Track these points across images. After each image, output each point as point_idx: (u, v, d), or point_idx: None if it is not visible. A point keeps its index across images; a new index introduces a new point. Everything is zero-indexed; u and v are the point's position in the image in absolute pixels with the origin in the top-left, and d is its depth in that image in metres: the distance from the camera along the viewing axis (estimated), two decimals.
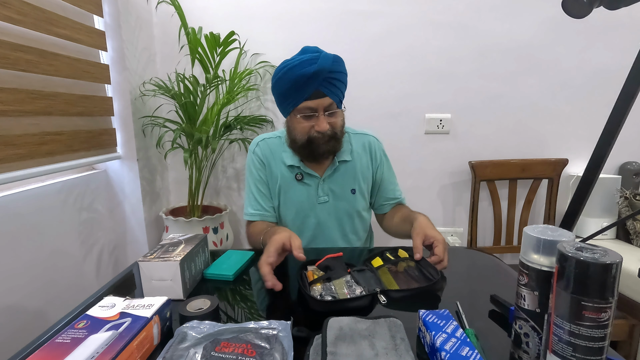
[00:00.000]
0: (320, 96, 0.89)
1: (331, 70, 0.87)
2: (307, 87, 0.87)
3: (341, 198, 1.02)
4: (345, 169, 1.02)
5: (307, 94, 0.88)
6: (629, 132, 1.52)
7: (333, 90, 0.90)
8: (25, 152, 1.02)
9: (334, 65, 0.88)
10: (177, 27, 1.43)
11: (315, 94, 0.88)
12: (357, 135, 1.08)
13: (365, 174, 1.05)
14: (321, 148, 0.93)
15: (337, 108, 0.93)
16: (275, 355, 0.46)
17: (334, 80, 0.89)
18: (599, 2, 0.64)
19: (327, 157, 0.99)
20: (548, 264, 0.43)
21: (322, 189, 1.01)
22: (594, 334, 0.38)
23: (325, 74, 0.86)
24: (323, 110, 0.90)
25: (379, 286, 0.66)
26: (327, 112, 0.91)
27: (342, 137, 0.98)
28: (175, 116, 1.52)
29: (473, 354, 0.44)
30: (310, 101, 0.89)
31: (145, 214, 1.50)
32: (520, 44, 1.57)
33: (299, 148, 0.96)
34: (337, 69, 0.89)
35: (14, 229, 0.98)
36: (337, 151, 0.99)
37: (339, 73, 0.90)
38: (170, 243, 0.75)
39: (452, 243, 1.74)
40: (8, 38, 0.96)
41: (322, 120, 0.90)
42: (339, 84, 0.91)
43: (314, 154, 0.95)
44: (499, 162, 1.61)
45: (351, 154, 1.03)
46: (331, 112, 0.92)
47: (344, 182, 1.02)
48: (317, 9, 1.59)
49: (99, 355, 0.43)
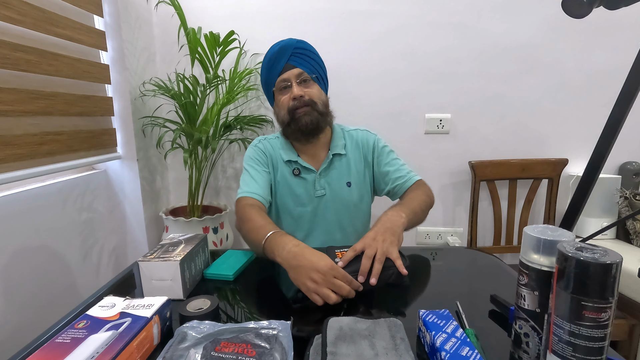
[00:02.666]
0: (289, 68, 0.98)
1: (296, 47, 0.98)
2: (278, 64, 0.98)
3: (337, 191, 1.05)
4: (339, 163, 1.06)
5: (279, 69, 0.99)
6: (629, 132, 1.52)
7: (301, 62, 0.99)
8: (25, 152, 1.02)
9: (298, 43, 0.99)
10: (177, 27, 1.43)
11: (285, 67, 0.98)
12: (350, 132, 1.12)
13: (359, 168, 1.08)
14: (303, 119, 0.97)
15: (309, 77, 1.00)
16: (275, 355, 0.46)
17: (301, 55, 0.99)
18: (599, 2, 0.64)
19: (314, 133, 1.00)
20: (548, 264, 0.43)
21: (318, 183, 1.04)
22: (594, 334, 0.38)
23: (290, 49, 0.98)
24: (295, 78, 0.99)
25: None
26: (299, 81, 0.99)
27: (326, 112, 1.02)
28: (175, 116, 1.52)
29: (473, 354, 0.44)
30: (283, 74, 0.99)
31: (145, 214, 1.50)
32: (520, 44, 1.57)
33: (286, 128, 1.02)
34: (302, 46, 1.00)
35: (14, 229, 0.98)
36: (323, 126, 1.02)
37: (304, 50, 1.00)
38: (170, 243, 0.75)
39: (452, 243, 1.74)
40: (8, 38, 0.96)
41: (295, 87, 0.98)
42: (308, 59, 1.00)
43: (299, 126, 0.98)
44: (499, 162, 1.61)
45: (345, 148, 1.07)
46: (304, 81, 0.99)
47: (339, 175, 1.05)
48: (317, 9, 1.59)
49: (99, 355, 0.43)
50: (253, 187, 0.98)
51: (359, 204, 1.08)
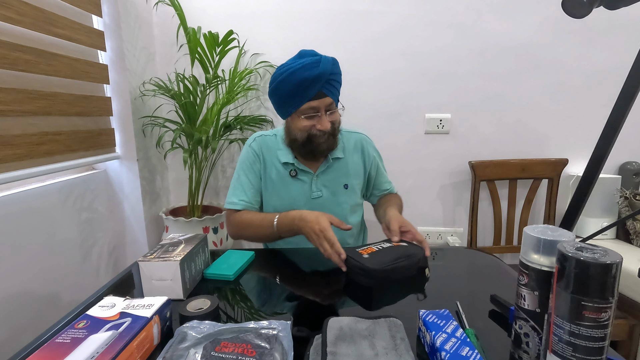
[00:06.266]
0: (322, 96, 0.93)
1: (332, 72, 0.91)
2: (310, 89, 0.90)
3: (334, 193, 1.05)
4: (338, 166, 1.06)
5: (311, 96, 0.91)
6: (629, 132, 1.52)
7: (333, 90, 0.94)
8: (24, 152, 1.02)
9: (334, 67, 0.92)
10: (177, 27, 1.43)
11: (317, 95, 0.92)
12: (348, 134, 1.12)
13: (357, 171, 1.09)
14: (321, 146, 0.98)
15: (335, 108, 0.98)
16: (275, 355, 0.46)
17: (334, 81, 0.94)
18: (599, 2, 0.64)
19: (325, 154, 1.02)
20: (548, 264, 0.43)
21: (315, 185, 1.04)
22: (594, 334, 0.38)
23: (327, 76, 0.90)
24: (325, 109, 0.95)
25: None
26: (328, 112, 0.96)
27: (338, 134, 1.03)
28: (175, 116, 1.52)
29: (473, 354, 0.44)
30: (313, 101, 0.92)
31: (145, 214, 1.50)
32: (520, 44, 1.57)
33: (298, 147, 1.00)
34: (336, 71, 0.94)
35: (13, 229, 0.98)
36: (334, 148, 1.03)
37: (337, 75, 0.95)
38: (170, 243, 0.75)
39: (452, 243, 1.74)
40: (7, 38, 0.96)
41: (325, 120, 0.94)
42: (337, 84, 0.96)
43: (314, 151, 0.99)
44: (499, 162, 1.61)
45: (343, 152, 1.08)
46: (331, 112, 0.97)
47: (336, 177, 1.06)
48: (317, 9, 1.59)
49: (99, 355, 0.43)
50: (242, 197, 1.03)
51: (355, 206, 1.09)
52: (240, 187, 1.04)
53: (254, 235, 0.99)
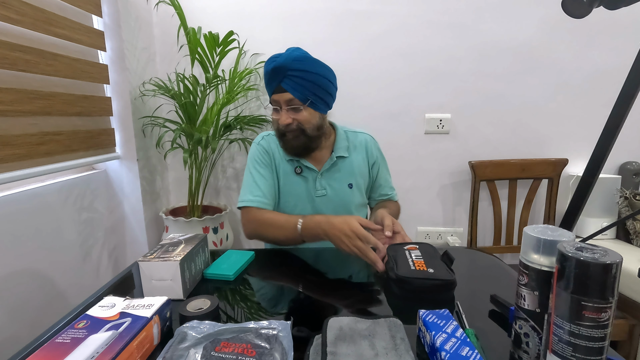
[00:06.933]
0: (281, 91, 0.93)
1: (291, 69, 0.90)
2: (272, 82, 0.93)
3: (338, 192, 1.05)
4: (342, 164, 1.06)
5: (272, 88, 0.94)
6: (629, 132, 1.52)
7: (294, 86, 0.91)
8: (24, 152, 1.02)
9: (293, 63, 0.90)
10: (177, 27, 1.43)
11: (277, 89, 0.93)
12: (354, 134, 1.12)
13: (362, 171, 1.09)
14: (290, 143, 0.97)
15: (300, 104, 0.94)
16: (275, 355, 0.46)
17: (296, 77, 0.91)
18: (599, 2, 0.64)
19: (302, 154, 1.01)
20: (548, 264, 0.43)
21: (319, 183, 1.04)
22: (594, 334, 0.38)
23: (284, 71, 0.90)
24: (285, 104, 0.94)
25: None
26: (289, 107, 0.94)
27: (317, 134, 0.98)
28: (175, 116, 1.52)
29: (473, 354, 0.44)
30: (274, 95, 0.95)
31: (145, 214, 1.50)
32: (520, 44, 1.57)
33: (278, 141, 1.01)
34: (298, 67, 0.90)
35: (13, 229, 0.98)
36: (314, 147, 1.00)
37: (301, 71, 0.91)
38: (170, 243, 0.75)
39: (452, 243, 1.74)
40: (7, 38, 0.96)
41: (282, 114, 0.95)
42: (303, 81, 0.91)
43: (286, 147, 0.99)
44: (499, 162, 1.61)
45: (348, 151, 1.07)
46: (294, 108, 0.94)
47: (341, 176, 1.05)
48: (317, 9, 1.59)
49: (99, 355, 0.43)
50: (257, 193, 0.99)
51: (359, 205, 1.09)
52: (254, 184, 1.00)
53: (274, 237, 0.94)
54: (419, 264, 0.71)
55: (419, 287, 0.66)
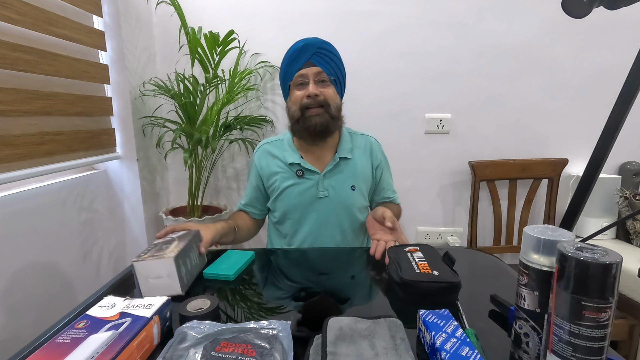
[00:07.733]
0: (310, 65, 0.99)
1: (319, 46, 0.99)
2: (299, 59, 0.99)
3: (341, 194, 1.05)
4: (345, 166, 1.06)
5: (300, 64, 0.99)
6: (629, 132, 1.52)
7: (322, 62, 1.00)
8: (24, 152, 1.02)
9: (323, 43, 1.01)
10: (177, 27, 1.43)
11: (306, 64, 0.99)
12: (358, 136, 1.12)
13: (365, 173, 1.08)
14: (313, 119, 0.99)
15: (327, 78, 1.00)
16: (275, 355, 0.46)
17: (323, 55, 1.00)
18: (599, 2, 0.64)
19: (321, 135, 1.02)
20: (548, 264, 0.43)
21: (322, 184, 1.04)
22: (594, 334, 0.38)
23: (314, 48, 0.99)
24: (313, 77, 0.99)
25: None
26: (317, 80, 1.00)
27: (337, 116, 1.03)
28: (175, 116, 1.52)
29: (473, 354, 0.44)
30: (302, 69, 1.00)
31: (145, 214, 1.50)
32: (520, 44, 1.57)
33: (295, 124, 1.03)
34: (325, 47, 1.01)
35: (13, 229, 0.98)
36: (331, 130, 1.02)
37: (327, 51, 1.01)
38: (163, 242, 0.76)
39: (452, 243, 1.74)
40: (7, 38, 0.96)
41: (312, 85, 0.99)
42: (330, 60, 1.01)
43: (308, 125, 0.99)
44: (499, 162, 1.61)
45: (351, 152, 1.07)
46: (322, 81, 1.00)
47: (344, 178, 1.05)
48: (317, 9, 1.59)
49: (99, 355, 0.43)
50: (245, 200, 1.16)
51: (362, 208, 1.08)
52: (246, 192, 1.17)
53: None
54: (423, 266, 0.71)
55: (425, 290, 0.66)
